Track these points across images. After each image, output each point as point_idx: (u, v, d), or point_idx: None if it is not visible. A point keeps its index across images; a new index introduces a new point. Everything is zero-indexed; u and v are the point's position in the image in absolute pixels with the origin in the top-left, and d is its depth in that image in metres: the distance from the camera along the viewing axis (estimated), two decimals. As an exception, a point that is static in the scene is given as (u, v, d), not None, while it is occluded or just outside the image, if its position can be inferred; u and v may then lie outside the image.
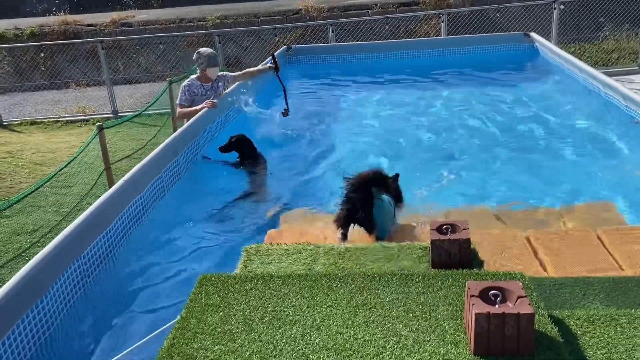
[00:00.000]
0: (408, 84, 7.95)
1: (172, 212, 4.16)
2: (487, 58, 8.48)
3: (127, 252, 3.45)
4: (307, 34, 12.30)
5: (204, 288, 2.42)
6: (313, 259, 2.98)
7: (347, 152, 5.59)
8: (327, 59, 9.08)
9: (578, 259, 3.12)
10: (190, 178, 4.76)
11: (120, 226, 3.46)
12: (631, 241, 3.24)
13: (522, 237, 3.36)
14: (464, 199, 4.21)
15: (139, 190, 3.81)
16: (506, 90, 7.17)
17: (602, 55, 11.48)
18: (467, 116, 6.28)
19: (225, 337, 2.11)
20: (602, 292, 2.67)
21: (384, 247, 3.09)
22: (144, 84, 12.47)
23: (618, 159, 4.75)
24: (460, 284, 2.38)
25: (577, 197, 4.12)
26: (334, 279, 2.50)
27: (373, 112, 6.92)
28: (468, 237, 2.79)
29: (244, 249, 3.10)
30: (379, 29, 12.13)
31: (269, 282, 2.47)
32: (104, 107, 10.90)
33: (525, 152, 5.15)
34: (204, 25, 13.82)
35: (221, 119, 5.98)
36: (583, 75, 6.58)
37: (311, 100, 7.56)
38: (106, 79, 10.64)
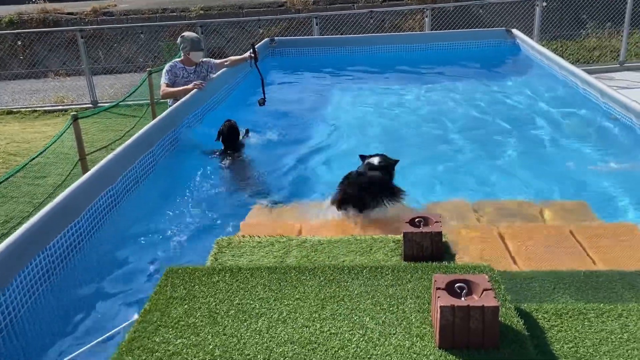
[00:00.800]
0: (391, 78, 7.94)
1: (145, 203, 4.09)
2: (469, 53, 8.50)
3: (96, 245, 3.38)
4: (291, 27, 12.21)
5: (169, 281, 2.37)
6: (285, 251, 2.95)
7: (327, 144, 5.56)
8: (311, 52, 9.02)
9: (550, 253, 3.12)
10: (165, 169, 4.69)
11: (90, 218, 3.38)
12: (604, 237, 3.26)
13: (495, 231, 3.36)
14: (440, 193, 4.21)
15: (111, 181, 3.73)
16: (486, 86, 7.20)
17: (584, 53, 11.58)
18: (446, 111, 6.28)
19: (189, 330, 2.07)
20: (573, 286, 2.68)
21: (357, 239, 3.08)
22: (125, 74, 12.28)
23: (594, 155, 4.78)
24: (429, 277, 2.37)
25: (552, 192, 4.13)
26: (303, 272, 2.47)
27: (355, 105, 6.89)
28: (440, 230, 2.78)
29: (216, 241, 3.06)
30: (363, 23, 12.10)
31: (237, 275, 2.43)
32: (83, 97, 10.71)
33: (501, 147, 5.16)
34: (188, 15, 13.65)
35: (200, 110, 5.91)
36: (562, 72, 6.62)
37: (293, 92, 7.51)
38: (85, 69, 10.46)
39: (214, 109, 6.27)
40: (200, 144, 5.28)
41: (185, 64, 5.84)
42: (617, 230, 3.34)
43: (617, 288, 2.65)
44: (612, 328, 2.17)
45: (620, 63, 10.76)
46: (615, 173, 4.36)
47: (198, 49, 5.79)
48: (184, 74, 5.83)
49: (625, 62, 10.74)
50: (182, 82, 5.78)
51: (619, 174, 4.33)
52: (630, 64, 10.74)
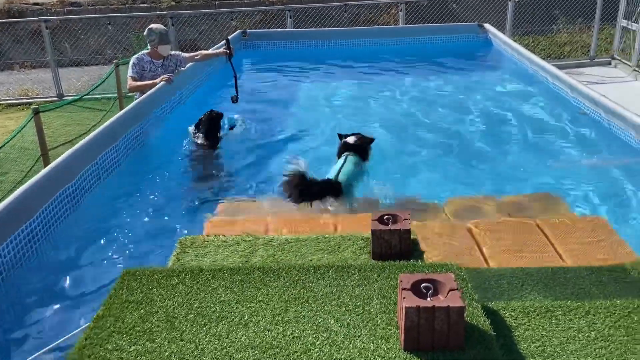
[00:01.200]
0: (365, 72, 7.87)
1: (108, 201, 3.94)
2: (441, 48, 8.49)
3: (53, 245, 3.23)
4: (265, 20, 12.04)
5: (126, 283, 2.26)
6: (251, 250, 2.86)
7: (298, 138, 5.47)
8: (284, 45, 8.89)
9: (519, 249, 3.10)
10: (131, 165, 4.53)
11: (46, 217, 3.23)
12: (571, 231, 3.25)
13: (464, 228, 3.33)
14: (408, 189, 4.17)
15: (70, 178, 3.57)
16: (458, 81, 7.19)
17: (555, 48, 11.70)
18: (417, 105, 6.24)
19: (144, 336, 1.96)
20: (540, 283, 2.66)
21: (326, 237, 3.00)
22: (93, 67, 11.92)
23: (564, 150, 4.80)
24: (396, 276, 2.30)
25: (522, 187, 4.12)
26: (267, 273, 2.38)
27: (327, 99, 6.81)
28: (408, 227, 2.73)
29: (179, 240, 2.95)
30: (338, 17, 12.00)
31: (198, 276, 2.33)
32: (49, 90, 10.38)
33: (472, 142, 5.15)
34: (158, 6, 13.34)
35: (169, 103, 5.75)
36: (533, 67, 6.65)
37: (266, 85, 7.38)
38: (50, 61, 10.13)
39: (183, 103, 6.11)
40: (167, 139, 5.14)
41: (153, 57, 5.71)
42: (586, 225, 3.34)
43: (585, 284, 2.64)
44: (580, 326, 2.15)
45: (591, 58, 10.91)
46: (584, 167, 4.38)
47: (166, 42, 5.66)
48: (152, 68, 5.68)
49: (595, 57, 10.90)
50: (150, 76, 5.64)
51: (587, 168, 4.36)
52: (600, 59, 10.90)
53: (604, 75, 10.12)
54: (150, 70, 5.68)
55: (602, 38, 11.33)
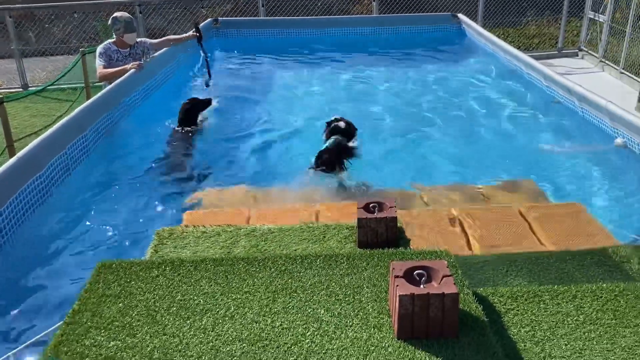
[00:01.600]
0: (337, 61, 7.81)
1: (78, 192, 3.78)
2: (415, 37, 8.49)
3: (22, 239, 3.06)
4: (237, 8, 11.82)
5: (102, 277, 2.15)
6: (233, 241, 2.77)
7: (272, 127, 5.39)
8: (256, 34, 8.75)
9: (501, 235, 3.11)
10: (100, 154, 4.37)
11: (13, 209, 3.06)
12: (551, 217, 3.28)
13: (446, 215, 3.32)
14: (387, 178, 4.14)
15: (38, 168, 3.41)
16: (432, 70, 7.20)
17: (524, 40, 11.87)
18: (392, 95, 6.23)
19: (124, 331, 1.86)
20: (525, 268, 2.66)
21: (310, 227, 2.93)
22: (59, 57, 11.51)
23: (539, 137, 4.84)
24: (386, 264, 2.26)
25: (499, 174, 4.15)
26: (252, 263, 2.30)
27: (300, 88, 6.74)
28: (395, 215, 2.68)
29: (156, 232, 2.83)
30: (311, 6, 11.87)
31: (179, 268, 2.24)
32: (13, 81, 9.98)
33: (449, 131, 5.17)
34: (125, -6, 12.95)
35: (138, 92, 5.57)
36: (507, 57, 6.71)
37: (238, 74, 7.25)
38: (15, 51, 9.72)
39: (156, 90, 5.93)
40: (140, 128, 4.98)
41: (119, 46, 5.62)
42: (564, 211, 3.37)
43: (568, 269, 2.65)
44: (568, 310, 2.15)
45: (558, 50, 11.10)
46: (560, 154, 4.43)
47: (131, 30, 5.57)
48: (118, 57, 5.60)
49: (563, 49, 11.09)
50: (117, 65, 5.56)
51: (563, 155, 4.41)
52: (567, 50, 11.11)
53: (571, 67, 10.32)
54: (117, 60, 5.59)
55: (570, 30, 11.54)
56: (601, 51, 10.04)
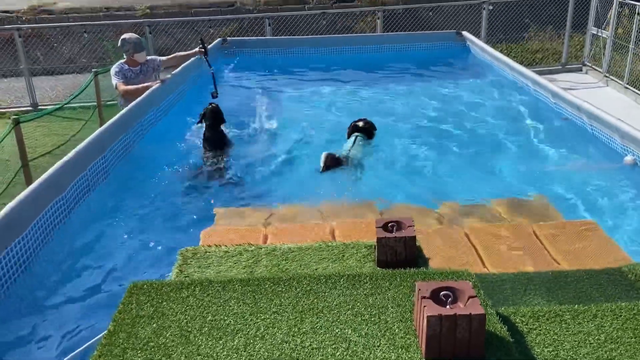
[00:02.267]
0: (344, 79, 7.91)
1: (99, 212, 3.85)
2: (421, 55, 8.60)
3: (46, 260, 3.12)
4: (243, 27, 12.01)
5: (134, 297, 2.20)
6: (255, 261, 2.83)
7: (281, 145, 5.47)
8: (264, 52, 8.88)
9: (517, 253, 3.16)
10: (119, 174, 4.44)
11: (37, 231, 3.13)
12: (565, 235, 3.32)
13: (462, 233, 3.37)
14: (400, 195, 4.20)
15: (60, 190, 3.48)
16: (439, 88, 7.29)
17: (527, 55, 12.00)
18: (399, 113, 6.29)
19: (159, 352, 1.92)
20: (543, 287, 2.71)
21: (329, 246, 2.99)
22: (67, 75, 11.68)
23: (549, 155, 4.90)
24: (408, 284, 2.31)
25: (511, 192, 4.20)
26: (278, 283, 2.36)
27: (309, 105, 6.84)
28: (414, 234, 2.74)
29: (180, 252, 2.89)
30: (316, 24, 12.05)
31: (208, 289, 2.29)
32: (22, 100, 10.11)
33: (457, 148, 5.22)
34: (133, 15, 13.17)
35: (153, 113, 5.67)
36: (513, 74, 6.79)
37: (247, 92, 7.35)
38: (24, 70, 9.87)
39: (170, 111, 6.04)
40: (157, 147, 5.07)
41: (130, 65, 5.90)
42: (578, 228, 3.42)
43: (586, 288, 2.70)
44: (589, 329, 2.19)
45: (562, 65, 11.22)
46: (571, 172, 4.49)
47: (141, 50, 5.87)
48: (131, 75, 5.87)
49: (567, 64, 11.21)
50: (131, 83, 5.79)
51: (575, 172, 4.46)
52: (571, 65, 11.22)
53: (576, 82, 10.42)
54: (130, 78, 5.85)
55: (573, 45, 11.67)
56: (605, 66, 10.15)
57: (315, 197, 4.33)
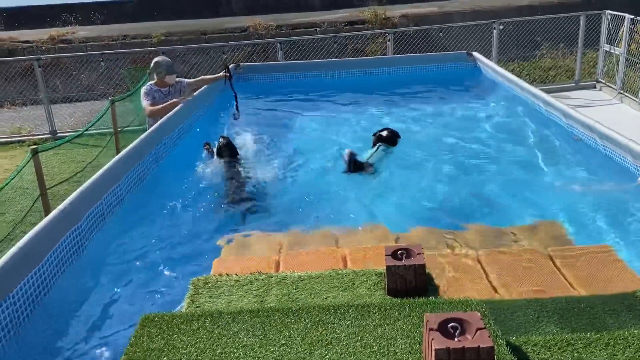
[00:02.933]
0: (357, 101, 7.97)
1: (112, 241, 3.91)
2: (432, 76, 8.64)
3: (61, 291, 3.17)
4: (256, 52, 12.22)
5: (146, 330, 2.24)
6: (265, 289, 2.85)
7: (292, 171, 5.51)
8: (277, 77, 9.01)
9: (530, 279, 3.13)
10: (133, 202, 4.51)
11: (53, 261, 3.19)
12: (579, 259, 3.29)
13: (473, 258, 3.36)
14: (412, 220, 4.19)
15: (76, 220, 3.55)
16: (450, 109, 7.30)
17: (540, 73, 11.99)
18: (411, 135, 6.30)
19: (170, 386, 1.94)
20: (556, 314, 2.68)
21: (339, 274, 3.00)
22: (85, 103, 11.95)
23: (561, 177, 4.86)
24: (418, 314, 2.31)
25: (523, 215, 4.17)
26: (287, 314, 2.37)
27: (322, 129, 6.89)
28: (423, 262, 2.74)
29: (191, 281, 2.93)
30: (327, 47, 12.21)
31: (218, 320, 2.32)
32: (41, 127, 10.35)
33: (470, 170, 5.20)
34: (149, 42, 13.49)
35: (168, 140, 5.77)
36: (524, 94, 6.78)
37: (261, 118, 7.44)
38: (43, 98, 10.13)
39: (184, 136, 6.16)
40: (170, 173, 5.16)
41: (160, 86, 6.28)
42: (592, 253, 3.39)
43: (600, 314, 2.66)
44: (602, 358, 2.16)
45: (576, 82, 11.17)
46: (585, 194, 4.44)
47: (172, 72, 6.32)
48: (160, 96, 6.24)
49: (580, 81, 11.16)
50: (159, 104, 6.15)
51: (588, 195, 4.42)
52: (584, 82, 11.17)
53: (590, 99, 10.36)
54: (158, 98, 6.22)
55: (586, 62, 11.62)
56: (619, 83, 10.08)
57: (328, 221, 4.35)
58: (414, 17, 14.26)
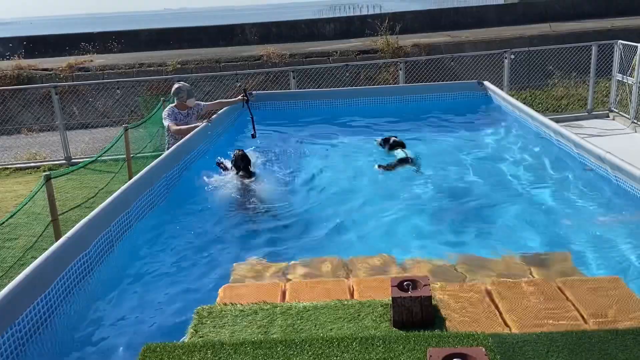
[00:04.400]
0: (369, 130, 8.01)
1: (120, 268, 3.92)
2: (443, 105, 8.67)
3: (67, 318, 3.18)
4: (269, 80, 12.41)
5: (147, 361, 2.22)
6: (270, 320, 2.83)
7: (303, 199, 5.51)
8: (288, 105, 9.11)
9: (539, 311, 3.07)
10: (142, 228, 4.54)
11: (60, 288, 3.20)
12: (590, 292, 3.22)
13: (482, 290, 3.30)
14: (420, 250, 4.15)
15: (84, 246, 3.58)
16: (460, 138, 7.30)
17: (552, 102, 11.98)
18: (422, 164, 6.31)
19: (168, 418, 1.91)
20: (566, 349, 2.61)
21: (344, 304, 2.97)
22: (100, 129, 12.18)
23: (572, 207, 4.81)
24: (422, 348, 2.27)
25: (533, 246, 4.12)
26: (290, 346, 2.34)
27: (334, 158, 6.92)
28: (429, 294, 2.71)
29: (196, 310, 2.91)
30: (339, 76, 12.36)
31: (220, 352, 2.30)
32: (57, 153, 10.54)
33: (479, 199, 5.17)
34: (165, 70, 13.78)
35: (179, 166, 5.84)
36: (535, 123, 6.77)
37: (272, 146, 7.50)
38: (59, 125, 10.34)
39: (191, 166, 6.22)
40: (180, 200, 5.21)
41: (180, 109, 6.87)
42: (603, 285, 3.31)
43: (611, 349, 2.59)
44: (613, 397, 2.09)
45: (588, 111, 11.14)
46: (595, 225, 4.38)
47: (192, 96, 6.94)
48: (180, 117, 6.83)
49: (593, 110, 11.13)
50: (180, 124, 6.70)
51: (599, 226, 4.36)
52: (598, 112, 11.13)
53: (603, 128, 10.31)
54: (179, 120, 6.79)
55: (599, 91, 11.61)
56: (632, 112, 10.03)
57: (338, 249, 4.33)
58: (425, 46, 14.43)
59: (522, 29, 15.67)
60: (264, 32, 17.68)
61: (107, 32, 17.82)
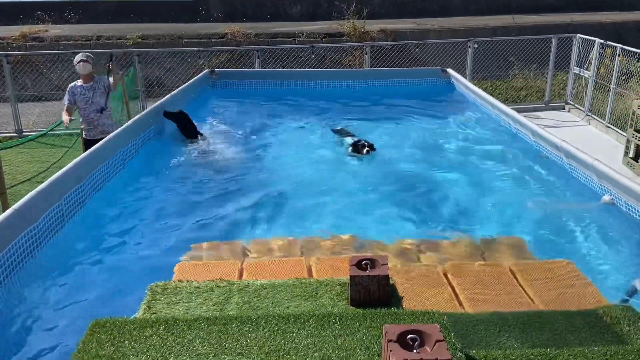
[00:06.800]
0: (331, 113, 7.97)
1: (72, 243, 3.77)
2: (406, 91, 8.71)
3: (11, 293, 3.03)
4: (233, 59, 12.14)
5: (95, 336, 2.14)
6: (226, 297, 2.78)
7: (264, 179, 5.45)
8: (252, 84, 8.95)
9: (492, 293, 3.14)
10: (96, 202, 4.38)
11: (5, 262, 3.05)
12: (541, 275, 3.31)
13: (438, 271, 3.35)
14: (379, 233, 4.17)
15: (32, 220, 3.41)
16: (422, 123, 7.35)
17: (512, 92, 12.22)
18: (381, 148, 6.32)
19: (116, 395, 1.85)
20: (517, 329, 2.68)
21: (302, 283, 2.95)
22: (54, 102, 11.65)
23: (526, 193, 4.92)
24: (378, 325, 2.27)
25: (488, 231, 4.19)
26: (245, 322, 2.30)
27: (294, 139, 6.85)
28: (387, 273, 2.71)
29: (149, 287, 2.83)
30: (305, 58, 12.22)
31: (173, 327, 2.23)
32: (7, 126, 10.05)
33: (435, 184, 5.22)
34: (124, 43, 13.29)
35: (135, 142, 5.65)
36: (495, 111, 6.89)
37: (234, 125, 7.37)
38: (10, 96, 9.84)
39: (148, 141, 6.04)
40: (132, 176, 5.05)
41: (83, 82, 6.43)
42: (555, 269, 3.41)
43: (560, 330, 2.67)
44: (561, 375, 2.15)
45: (546, 103, 11.43)
46: (548, 211, 4.50)
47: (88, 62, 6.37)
48: (82, 91, 6.38)
49: (550, 102, 11.42)
50: (81, 99, 6.36)
51: (551, 211, 4.48)
52: (554, 103, 11.43)
53: (558, 120, 10.61)
54: (80, 94, 6.36)
55: (556, 84, 11.91)
56: (587, 105, 10.35)
57: (296, 228, 4.30)
58: (391, 32, 14.42)
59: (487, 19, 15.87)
60: (229, 9, 17.27)
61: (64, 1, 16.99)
